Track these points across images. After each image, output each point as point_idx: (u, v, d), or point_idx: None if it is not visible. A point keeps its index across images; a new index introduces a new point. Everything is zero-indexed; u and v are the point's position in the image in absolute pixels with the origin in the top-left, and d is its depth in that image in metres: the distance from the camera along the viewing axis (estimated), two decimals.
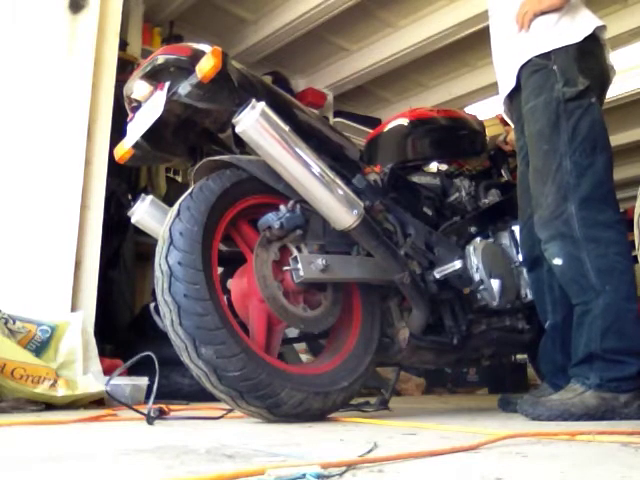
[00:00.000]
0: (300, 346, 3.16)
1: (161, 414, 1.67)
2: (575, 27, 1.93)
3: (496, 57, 2.17)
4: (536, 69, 1.93)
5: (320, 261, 1.68)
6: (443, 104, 5.53)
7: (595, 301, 1.78)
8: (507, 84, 2.07)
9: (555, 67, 1.89)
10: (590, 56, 1.94)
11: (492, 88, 5.50)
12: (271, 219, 1.68)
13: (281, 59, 5.31)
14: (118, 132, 2.19)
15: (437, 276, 1.97)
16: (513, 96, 2.09)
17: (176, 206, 1.61)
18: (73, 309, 2.56)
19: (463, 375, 4.64)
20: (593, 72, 1.93)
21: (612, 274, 1.78)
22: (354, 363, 1.78)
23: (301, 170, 1.61)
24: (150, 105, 1.78)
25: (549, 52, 1.91)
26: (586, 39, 1.92)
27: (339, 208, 1.65)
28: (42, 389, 2.05)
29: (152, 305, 1.66)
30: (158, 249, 1.57)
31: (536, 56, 1.94)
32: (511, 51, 2.04)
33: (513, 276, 2.23)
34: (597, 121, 1.89)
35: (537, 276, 2.10)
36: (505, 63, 2.09)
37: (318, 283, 1.75)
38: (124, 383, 2.28)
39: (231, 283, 1.76)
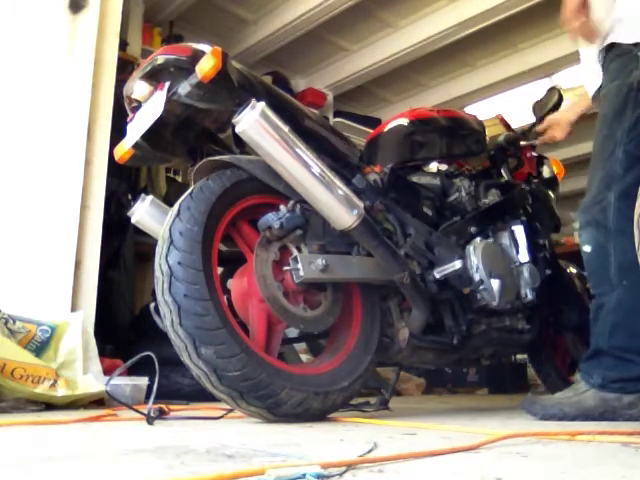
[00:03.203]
0: (300, 346, 3.16)
1: (161, 414, 1.67)
2: None
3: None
4: (619, 53, 1.86)
5: (320, 261, 1.68)
6: (443, 104, 5.53)
7: (610, 295, 1.76)
8: (595, 78, 1.99)
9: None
10: None
11: (492, 88, 5.56)
12: (271, 219, 1.68)
13: (281, 59, 5.31)
14: (118, 132, 2.19)
15: (437, 276, 1.96)
16: None
17: (176, 206, 1.61)
18: (73, 309, 2.56)
19: (463, 375, 4.65)
20: None
21: (633, 270, 1.72)
22: (354, 363, 1.78)
23: (301, 170, 1.61)
24: (150, 105, 1.78)
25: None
26: None
27: (339, 208, 1.65)
28: (42, 389, 2.05)
29: (152, 305, 1.66)
30: (158, 249, 1.57)
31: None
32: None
33: (513, 276, 2.23)
34: None
35: None
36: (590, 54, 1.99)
37: (318, 283, 1.75)
38: (124, 383, 2.28)
39: (231, 283, 1.76)
